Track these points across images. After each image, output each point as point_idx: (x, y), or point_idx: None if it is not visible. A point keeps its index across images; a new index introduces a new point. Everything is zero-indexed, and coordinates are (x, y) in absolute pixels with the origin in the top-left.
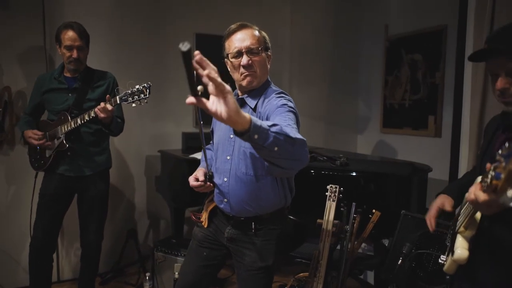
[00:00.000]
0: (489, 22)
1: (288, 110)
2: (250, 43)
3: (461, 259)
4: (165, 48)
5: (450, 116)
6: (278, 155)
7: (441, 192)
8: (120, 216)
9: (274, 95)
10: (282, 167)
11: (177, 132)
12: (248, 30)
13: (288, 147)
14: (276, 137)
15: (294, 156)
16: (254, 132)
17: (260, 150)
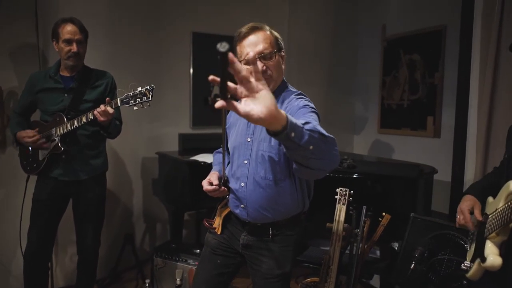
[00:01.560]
0: (497, 23)
1: (311, 111)
2: (263, 48)
3: (495, 266)
4: (162, 48)
5: (450, 117)
6: (312, 154)
7: (467, 193)
8: (116, 220)
9: (293, 96)
10: (312, 168)
11: (173, 133)
12: (259, 33)
13: (321, 146)
14: (311, 135)
15: (326, 155)
16: (291, 130)
17: (295, 150)
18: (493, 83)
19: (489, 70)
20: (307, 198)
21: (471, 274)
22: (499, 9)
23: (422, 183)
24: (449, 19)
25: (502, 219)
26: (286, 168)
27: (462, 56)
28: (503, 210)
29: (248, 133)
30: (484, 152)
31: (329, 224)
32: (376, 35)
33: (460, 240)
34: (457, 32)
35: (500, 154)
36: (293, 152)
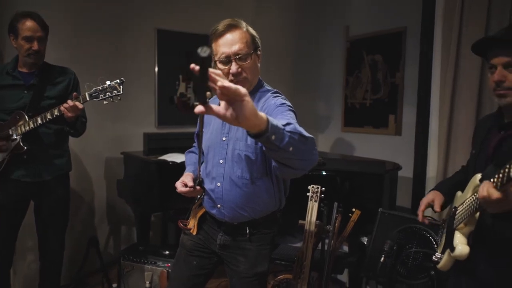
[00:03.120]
0: (458, 24)
1: (288, 109)
2: (238, 48)
3: (463, 254)
4: (125, 45)
5: (410, 115)
6: (292, 155)
7: (433, 189)
8: (79, 223)
9: (270, 95)
10: (293, 167)
11: (138, 133)
12: (236, 31)
13: (301, 147)
14: (291, 136)
15: (306, 155)
16: (272, 133)
17: (275, 151)
18: (453, 82)
19: (450, 70)
20: (283, 195)
21: (442, 265)
22: (458, 12)
23: (388, 179)
24: (409, 21)
25: (469, 209)
26: (262, 167)
27: (423, 56)
28: (471, 201)
29: (223, 132)
30: (446, 149)
31: (301, 222)
32: (339, 36)
33: (426, 232)
34: (417, 34)
35: (461, 150)
36: (273, 153)
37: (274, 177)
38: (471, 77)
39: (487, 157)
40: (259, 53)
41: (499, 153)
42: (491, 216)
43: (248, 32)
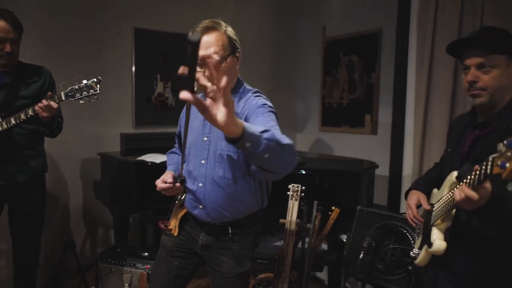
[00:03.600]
0: (432, 26)
1: (269, 111)
2: (214, 51)
3: (440, 250)
4: (102, 43)
5: (386, 115)
6: (267, 161)
7: (411, 189)
8: (55, 225)
9: (251, 95)
10: (270, 171)
11: (115, 133)
12: (213, 33)
13: (278, 153)
14: (268, 144)
15: (283, 161)
16: (247, 141)
17: (251, 156)
18: (428, 83)
19: (425, 71)
20: (266, 195)
21: (419, 260)
22: (432, 14)
23: (366, 178)
24: (385, 23)
25: (447, 206)
26: (245, 166)
27: (398, 57)
28: (448, 198)
29: (204, 132)
30: (421, 147)
31: (282, 220)
32: (316, 36)
33: (403, 229)
34: (392, 35)
35: (436, 149)
36: (249, 157)
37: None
38: (445, 78)
39: (462, 155)
40: (238, 55)
41: (474, 151)
42: (467, 213)
43: (226, 34)
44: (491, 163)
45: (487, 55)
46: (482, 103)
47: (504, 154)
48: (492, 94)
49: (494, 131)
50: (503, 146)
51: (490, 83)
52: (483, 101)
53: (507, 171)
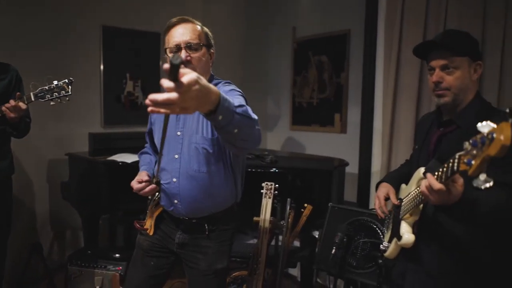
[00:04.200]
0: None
1: (238, 94)
2: (189, 38)
3: (409, 242)
4: (69, 41)
5: (354, 114)
6: (237, 136)
7: (382, 181)
8: (21, 228)
9: (221, 85)
10: (236, 146)
11: (83, 133)
12: (188, 24)
13: (246, 130)
14: (240, 119)
15: (250, 137)
16: (220, 113)
17: (220, 130)
18: (395, 83)
19: (392, 72)
20: (240, 187)
21: (389, 253)
22: (399, 16)
23: (336, 175)
24: (353, 24)
25: (415, 200)
26: (220, 159)
27: (366, 58)
28: (416, 193)
29: (177, 126)
30: (389, 145)
31: (256, 218)
32: (286, 36)
33: (373, 224)
34: (360, 36)
35: (403, 147)
36: (219, 131)
37: (231, 169)
38: (411, 78)
39: (428, 152)
40: (212, 52)
41: (439, 148)
42: (433, 207)
43: (202, 29)
44: (457, 161)
45: (450, 57)
46: (446, 102)
47: (469, 152)
48: (456, 94)
49: (458, 129)
50: (469, 144)
51: (453, 83)
52: (447, 101)
53: (473, 168)
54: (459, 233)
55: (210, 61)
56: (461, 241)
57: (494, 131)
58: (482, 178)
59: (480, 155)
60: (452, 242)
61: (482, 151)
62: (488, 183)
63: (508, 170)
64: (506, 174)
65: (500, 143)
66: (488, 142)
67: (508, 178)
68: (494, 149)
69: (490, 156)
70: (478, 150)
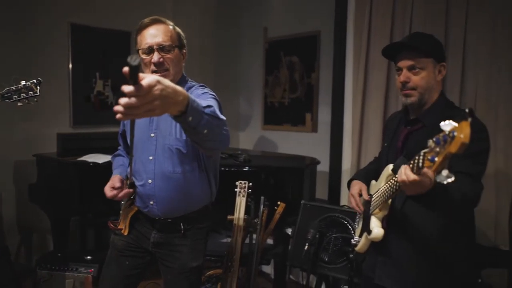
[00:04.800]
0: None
1: (211, 97)
2: (162, 40)
3: (378, 236)
4: (36, 39)
5: (325, 114)
6: (206, 136)
7: (353, 179)
8: None
9: (194, 88)
10: (205, 147)
11: (51, 133)
12: (161, 25)
13: (215, 130)
14: (208, 120)
15: (219, 138)
16: (190, 114)
17: (190, 131)
18: (364, 83)
19: (361, 72)
20: (214, 187)
21: (359, 247)
22: (367, 19)
23: (308, 173)
24: (323, 26)
25: (384, 196)
26: (194, 159)
27: (336, 59)
28: (385, 188)
29: (151, 128)
30: (358, 144)
31: (230, 217)
32: (258, 37)
33: (344, 220)
34: (330, 37)
35: (372, 145)
36: (188, 132)
37: (205, 169)
38: (379, 79)
39: (396, 149)
40: (184, 52)
41: (406, 145)
42: (401, 202)
43: (174, 30)
44: (422, 158)
45: (417, 58)
46: (413, 102)
47: (433, 149)
48: (422, 94)
49: (424, 127)
50: (433, 142)
51: (419, 83)
52: (414, 101)
53: (436, 164)
54: (424, 226)
55: (183, 61)
56: (426, 233)
57: (455, 129)
58: (444, 174)
59: (442, 152)
60: (418, 235)
61: (444, 148)
62: (449, 179)
63: (475, 161)
64: (473, 165)
65: (460, 141)
66: (449, 140)
67: (472, 168)
68: (454, 147)
69: (451, 153)
70: (441, 147)
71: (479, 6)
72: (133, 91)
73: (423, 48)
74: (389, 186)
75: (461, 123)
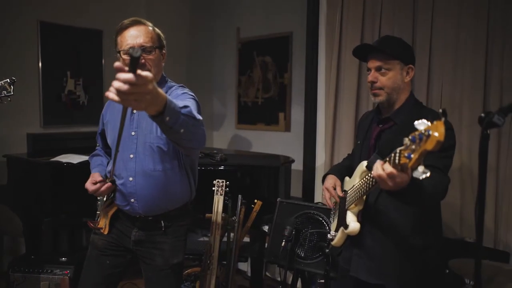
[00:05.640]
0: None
1: (190, 98)
2: (143, 41)
3: (355, 230)
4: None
5: (298, 113)
6: (183, 136)
7: (328, 173)
8: None
9: (174, 88)
10: (182, 145)
11: (20, 133)
12: (141, 26)
13: (193, 129)
14: (185, 119)
15: (195, 137)
16: (167, 115)
17: (167, 130)
18: (336, 85)
19: (333, 72)
20: (193, 185)
21: (336, 241)
22: (339, 21)
23: (283, 172)
24: (295, 27)
25: (360, 191)
26: (175, 157)
27: (309, 59)
28: (360, 184)
29: (131, 127)
30: (331, 142)
31: (208, 215)
32: (231, 37)
33: (319, 216)
34: (302, 38)
35: (344, 144)
36: (166, 131)
37: (187, 167)
38: (351, 80)
39: (369, 146)
40: (164, 52)
41: (378, 143)
42: (375, 198)
43: (154, 31)
44: (398, 155)
45: (384, 59)
46: (381, 101)
47: (409, 147)
48: (389, 93)
49: (395, 125)
50: (408, 140)
51: (386, 83)
52: (382, 100)
53: (412, 161)
54: (396, 219)
55: (162, 61)
56: (398, 226)
57: (429, 128)
58: (420, 170)
59: (418, 149)
60: (391, 228)
61: (420, 146)
62: (425, 174)
63: (443, 156)
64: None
65: (436, 139)
66: (425, 138)
67: (440, 162)
68: (430, 144)
69: (427, 150)
70: (417, 145)
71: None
72: (131, 79)
73: (390, 50)
74: (364, 182)
75: (436, 123)
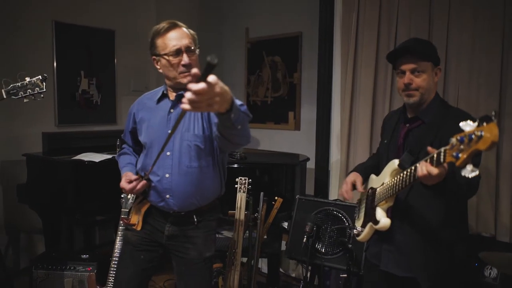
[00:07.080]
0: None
1: None
2: (188, 42)
3: (386, 226)
4: (19, 37)
5: (307, 112)
6: (238, 132)
7: (352, 171)
8: None
9: None
10: (233, 142)
11: (36, 133)
12: (181, 29)
13: (246, 126)
14: (243, 117)
15: (246, 133)
16: (233, 112)
17: (227, 127)
18: (352, 83)
19: (349, 73)
20: (224, 182)
21: (362, 236)
22: (355, 22)
23: (299, 169)
24: (304, 27)
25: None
26: (210, 154)
27: (322, 60)
28: (394, 183)
29: (168, 125)
30: (347, 144)
31: (231, 212)
32: (240, 37)
33: (338, 213)
34: (312, 38)
35: (361, 143)
36: (224, 128)
37: (218, 164)
38: (367, 81)
39: (397, 145)
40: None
41: (407, 142)
42: (405, 194)
43: (189, 32)
44: (443, 154)
45: (418, 61)
46: (415, 101)
47: (456, 146)
48: (422, 94)
49: (422, 124)
50: (456, 140)
51: (421, 84)
52: (416, 100)
53: (460, 160)
54: (426, 214)
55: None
56: (428, 220)
57: (482, 129)
58: (469, 168)
59: (467, 149)
60: (421, 222)
61: (470, 146)
62: (474, 172)
63: None
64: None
65: (490, 140)
66: (476, 139)
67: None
68: (484, 145)
69: (479, 150)
70: (466, 145)
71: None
72: (205, 88)
73: (424, 53)
74: (400, 180)
75: (489, 124)
